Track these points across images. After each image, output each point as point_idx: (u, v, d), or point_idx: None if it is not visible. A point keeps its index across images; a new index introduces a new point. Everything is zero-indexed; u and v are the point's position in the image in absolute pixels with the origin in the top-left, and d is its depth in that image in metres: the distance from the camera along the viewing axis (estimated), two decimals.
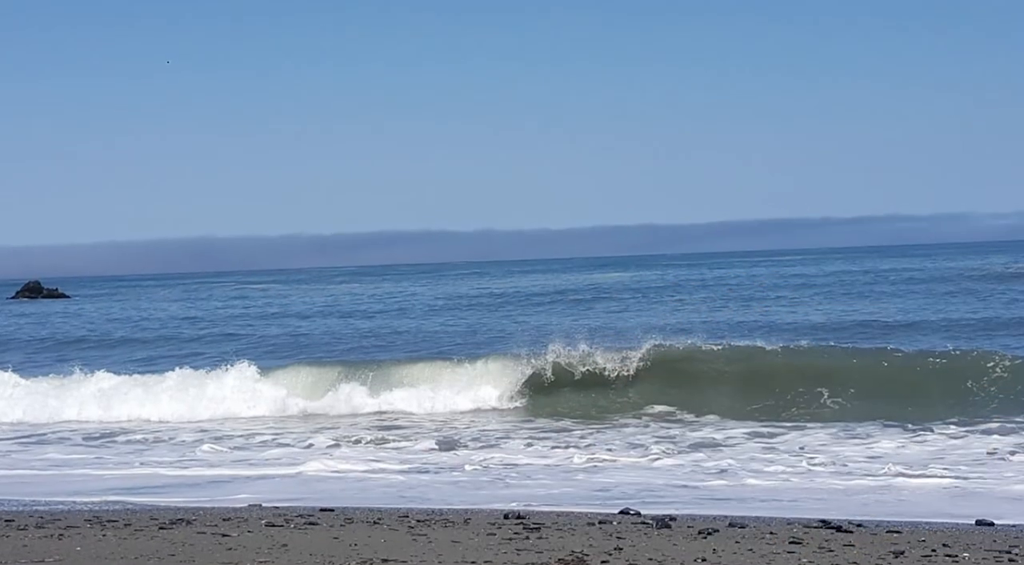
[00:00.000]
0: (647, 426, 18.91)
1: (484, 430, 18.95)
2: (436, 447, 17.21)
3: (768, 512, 11.13)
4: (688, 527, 10.00)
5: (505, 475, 14.31)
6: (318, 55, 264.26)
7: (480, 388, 22.20)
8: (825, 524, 10.03)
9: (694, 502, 11.97)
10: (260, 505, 11.78)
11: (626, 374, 22.27)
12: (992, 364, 20.76)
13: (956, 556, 8.66)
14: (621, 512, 10.93)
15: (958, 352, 22.09)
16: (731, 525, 10.09)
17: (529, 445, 17.07)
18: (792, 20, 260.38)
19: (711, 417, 19.44)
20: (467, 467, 15.01)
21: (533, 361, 22.63)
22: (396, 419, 20.89)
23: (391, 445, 17.67)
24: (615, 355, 22.65)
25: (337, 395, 22.43)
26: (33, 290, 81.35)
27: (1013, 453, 14.97)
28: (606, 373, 22.34)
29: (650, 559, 8.58)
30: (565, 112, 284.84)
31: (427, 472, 14.77)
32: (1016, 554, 8.74)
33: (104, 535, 9.75)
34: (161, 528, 10.06)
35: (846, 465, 14.45)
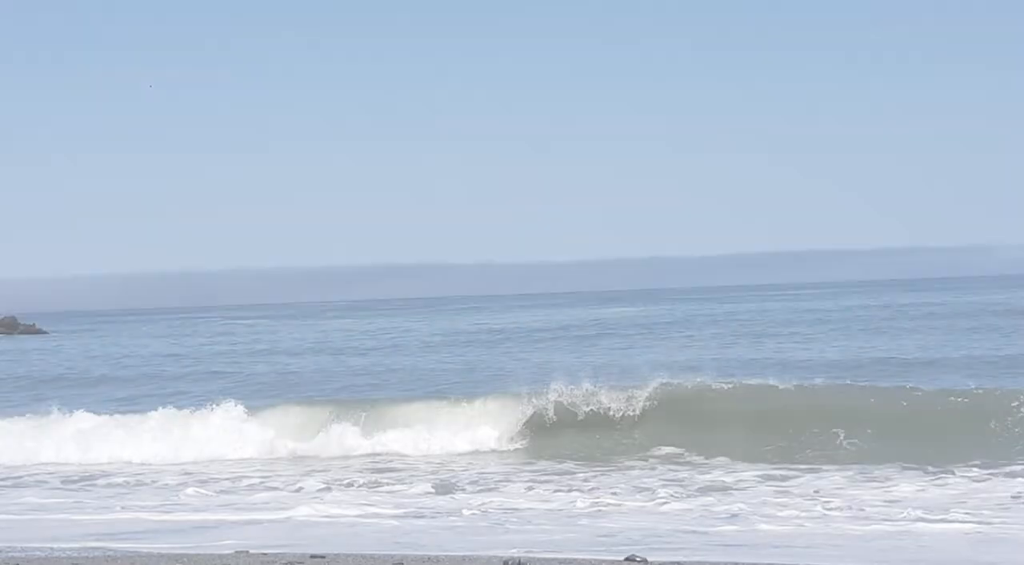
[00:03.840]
0: (654, 469, 18.91)
1: (483, 473, 18.95)
2: (432, 491, 17.21)
3: (781, 559, 11.13)
4: None
5: (505, 520, 14.32)
6: (308, 80, 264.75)
7: (478, 429, 22.19)
8: None
9: (703, 549, 11.98)
10: (247, 552, 11.78)
11: (632, 414, 22.26)
12: (1017, 403, 20.75)
13: None
14: (627, 559, 10.94)
15: (981, 391, 22.11)
16: None
17: (530, 489, 17.08)
18: (802, 44, 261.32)
19: (721, 459, 19.44)
20: (465, 512, 15.02)
21: (534, 400, 22.62)
22: (390, 461, 20.88)
23: (385, 488, 17.67)
24: (620, 394, 22.64)
25: (328, 436, 22.40)
26: (8, 326, 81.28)
27: None
28: (611, 413, 22.33)
29: None
30: (567, 139, 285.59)
31: (423, 517, 14.77)
32: None
33: None
34: None
35: (863, 510, 14.45)
